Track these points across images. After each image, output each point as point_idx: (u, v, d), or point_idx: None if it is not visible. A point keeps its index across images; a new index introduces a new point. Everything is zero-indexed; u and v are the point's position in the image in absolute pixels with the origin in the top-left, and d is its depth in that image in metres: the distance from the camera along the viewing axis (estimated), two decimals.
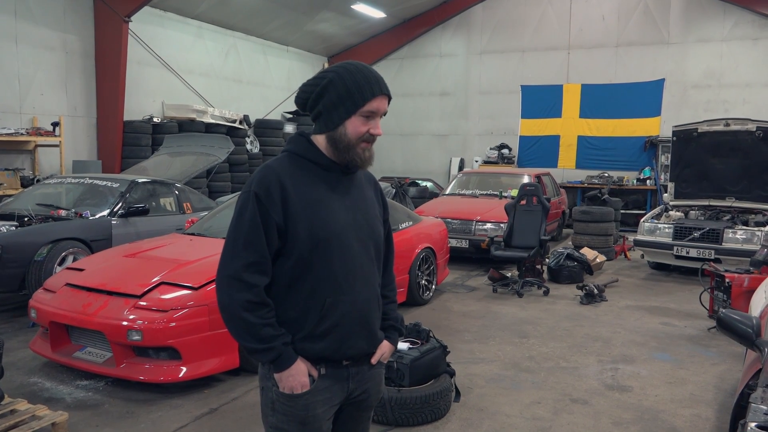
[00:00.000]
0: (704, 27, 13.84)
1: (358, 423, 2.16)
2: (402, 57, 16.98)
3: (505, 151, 15.52)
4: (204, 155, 9.02)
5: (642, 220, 9.07)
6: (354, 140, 1.93)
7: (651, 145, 14.21)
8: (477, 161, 15.77)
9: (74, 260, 6.07)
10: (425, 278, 7.05)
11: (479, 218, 9.24)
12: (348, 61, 1.99)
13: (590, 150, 14.93)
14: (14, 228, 6.25)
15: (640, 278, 8.84)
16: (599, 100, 14.73)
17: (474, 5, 16.01)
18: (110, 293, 4.49)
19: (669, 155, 10.35)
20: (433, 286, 7.22)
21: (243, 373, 4.64)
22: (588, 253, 8.77)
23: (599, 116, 14.78)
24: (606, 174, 14.57)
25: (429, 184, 14.81)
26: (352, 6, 14.19)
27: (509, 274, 8.15)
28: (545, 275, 8.28)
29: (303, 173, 1.96)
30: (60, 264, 6.07)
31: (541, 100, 15.29)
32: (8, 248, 5.86)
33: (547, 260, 8.51)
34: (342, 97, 1.90)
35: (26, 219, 6.54)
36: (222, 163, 10.18)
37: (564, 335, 5.94)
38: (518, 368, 5.00)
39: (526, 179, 10.42)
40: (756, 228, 8.20)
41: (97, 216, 6.76)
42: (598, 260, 8.83)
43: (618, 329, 6.19)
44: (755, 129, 8.70)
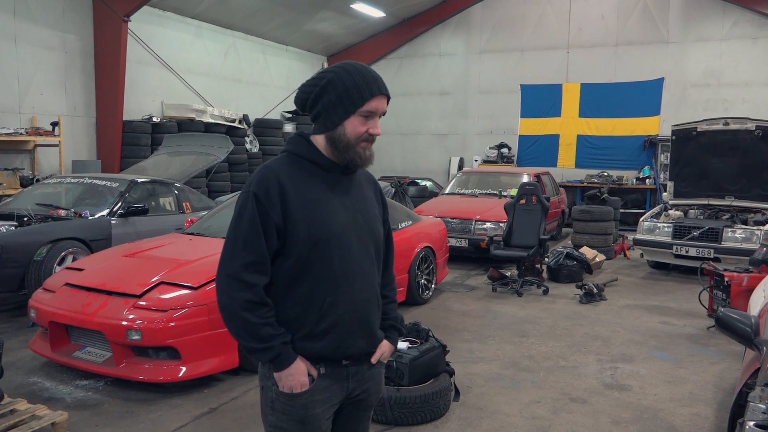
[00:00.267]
0: (703, 26, 13.84)
1: (358, 422, 2.16)
2: (401, 56, 16.97)
3: (505, 151, 15.51)
4: (203, 155, 9.02)
5: (641, 219, 9.07)
6: (353, 140, 1.94)
7: (650, 144, 14.20)
8: (476, 160, 15.76)
9: (74, 260, 6.07)
10: (425, 277, 7.06)
11: (479, 217, 9.24)
12: (347, 62, 1.99)
13: (590, 149, 14.92)
14: (14, 228, 6.25)
15: (640, 277, 8.85)
16: (599, 100, 14.71)
17: (473, 4, 15.99)
18: (110, 293, 4.49)
19: (668, 154, 10.36)
20: (433, 286, 7.22)
21: (242, 373, 4.64)
22: (587, 253, 8.77)
23: (599, 115, 14.76)
24: (605, 173, 14.57)
25: (428, 184, 14.81)
26: (352, 5, 14.18)
27: (509, 274, 8.15)
28: (545, 274, 8.29)
29: (302, 173, 1.96)
30: (59, 264, 6.07)
31: (541, 100, 15.27)
32: (8, 248, 5.86)
33: (547, 259, 8.51)
34: (341, 97, 1.91)
35: (26, 219, 6.54)
36: (221, 163, 10.19)
37: (563, 334, 5.95)
38: (517, 367, 5.00)
39: (526, 178, 10.43)
40: (755, 227, 8.21)
41: (97, 216, 6.76)
42: (598, 259, 8.83)
43: (617, 328, 6.19)
44: (754, 128, 8.71)
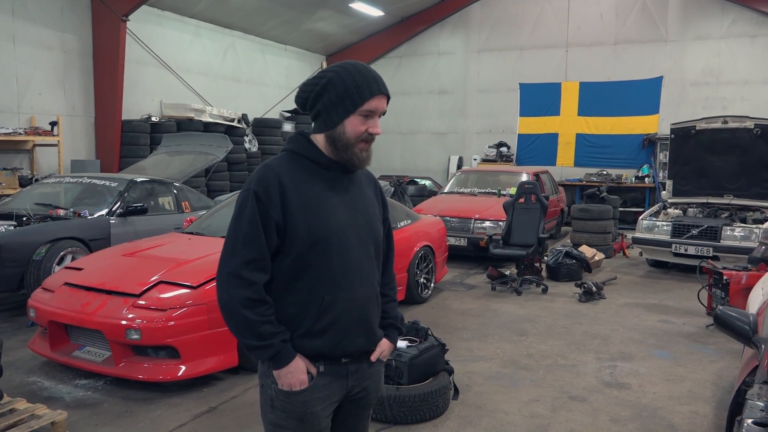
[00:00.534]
0: (702, 24, 13.84)
1: (358, 421, 2.17)
2: (400, 55, 16.96)
3: (504, 149, 15.51)
4: (202, 154, 9.02)
5: (640, 218, 9.08)
6: (353, 139, 1.95)
7: (649, 143, 14.21)
8: (475, 159, 15.76)
9: (73, 259, 6.07)
10: (424, 276, 7.06)
11: (478, 216, 9.25)
12: (347, 61, 2.00)
13: (589, 148, 14.94)
14: (13, 227, 6.24)
15: (639, 276, 8.85)
16: (598, 98, 14.72)
17: (472, 3, 15.98)
18: (109, 292, 4.49)
19: (667, 153, 10.35)
20: (432, 285, 7.22)
21: (242, 372, 4.64)
22: (586, 251, 8.78)
23: (598, 114, 14.78)
24: (604, 172, 14.58)
25: (428, 183, 14.81)
26: (350, 4, 14.17)
27: (508, 272, 8.16)
28: (544, 273, 8.30)
29: (302, 172, 1.97)
30: (59, 263, 6.07)
31: (540, 98, 15.28)
32: (7, 248, 5.86)
33: (546, 258, 8.52)
34: (341, 97, 1.92)
35: (25, 218, 6.53)
36: (220, 162, 10.18)
37: (562, 333, 5.95)
38: (517, 366, 5.01)
39: (525, 177, 10.42)
40: (754, 225, 8.21)
41: (96, 215, 6.76)
42: (597, 258, 8.83)
43: (616, 327, 6.20)
44: (753, 126, 8.71)
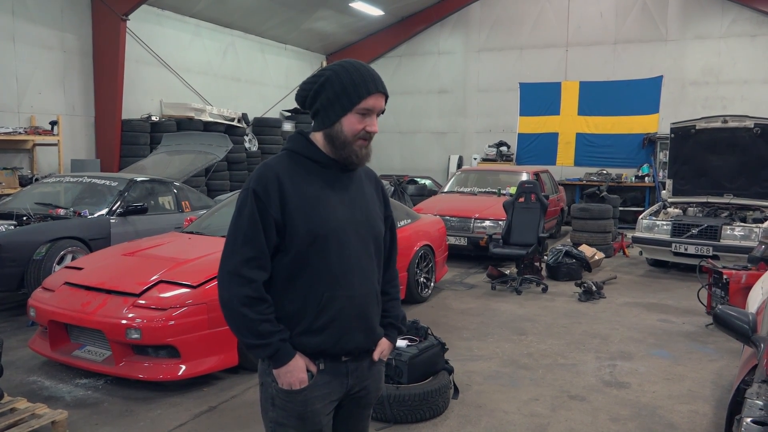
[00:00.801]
0: (702, 24, 13.84)
1: (358, 420, 2.17)
2: (400, 55, 16.96)
3: (504, 149, 15.52)
4: (202, 154, 9.01)
5: (640, 217, 9.08)
6: (350, 137, 1.95)
7: (649, 142, 14.22)
8: (475, 159, 15.76)
9: (73, 259, 6.08)
10: (424, 276, 7.06)
11: (478, 216, 9.25)
12: (346, 60, 2.01)
13: (589, 147, 14.94)
14: (13, 227, 6.24)
15: (639, 275, 8.86)
16: (597, 98, 14.73)
17: (472, 3, 15.97)
18: (109, 292, 4.49)
19: (667, 152, 10.36)
20: (432, 284, 7.23)
21: (242, 371, 4.64)
22: (586, 251, 8.78)
23: (598, 113, 14.78)
24: (604, 171, 14.58)
25: (427, 182, 14.81)
26: (350, 4, 14.16)
27: (508, 272, 8.16)
28: (544, 272, 8.30)
29: (301, 171, 1.98)
30: (59, 263, 6.07)
31: (540, 98, 15.29)
32: (7, 247, 5.86)
33: (546, 257, 8.52)
34: (338, 95, 1.93)
35: (25, 218, 6.53)
36: (220, 162, 10.19)
37: (562, 332, 5.96)
38: (516, 365, 5.01)
39: (525, 177, 10.42)
40: (754, 225, 8.22)
41: (96, 215, 6.76)
42: (597, 257, 8.83)
43: (616, 326, 6.20)
44: (753, 126, 8.71)
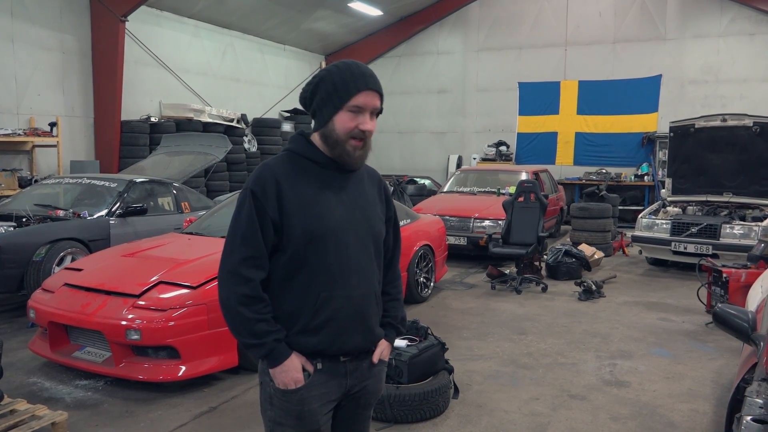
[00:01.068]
0: (701, 23, 13.84)
1: (358, 420, 2.17)
2: (399, 55, 16.96)
3: (503, 148, 15.52)
4: (202, 154, 9.01)
5: (640, 216, 9.08)
6: (342, 136, 1.96)
7: (648, 141, 14.22)
8: (475, 158, 15.76)
9: (72, 260, 6.07)
10: (423, 276, 7.06)
11: (477, 215, 9.25)
12: (342, 60, 2.03)
13: (588, 146, 14.95)
14: (12, 228, 6.24)
15: (638, 274, 8.86)
16: (597, 97, 14.74)
17: (471, 2, 15.97)
18: (109, 293, 4.49)
19: (666, 151, 10.36)
20: (432, 284, 7.23)
21: (242, 372, 4.64)
22: (586, 250, 8.78)
23: (597, 113, 14.79)
24: (604, 170, 14.58)
25: (427, 182, 14.80)
26: (349, 4, 14.16)
27: (507, 271, 8.16)
28: (543, 272, 8.30)
29: (300, 171, 1.99)
30: (58, 264, 6.07)
31: (539, 97, 15.29)
32: (6, 249, 5.86)
33: (545, 257, 8.52)
34: (330, 93, 1.95)
35: (24, 219, 6.53)
36: (220, 162, 10.18)
37: (562, 331, 5.96)
38: (516, 365, 5.01)
39: (524, 176, 10.42)
40: (753, 223, 8.22)
41: (95, 216, 6.76)
42: (596, 256, 8.83)
43: (616, 325, 6.21)
44: (752, 124, 8.71)
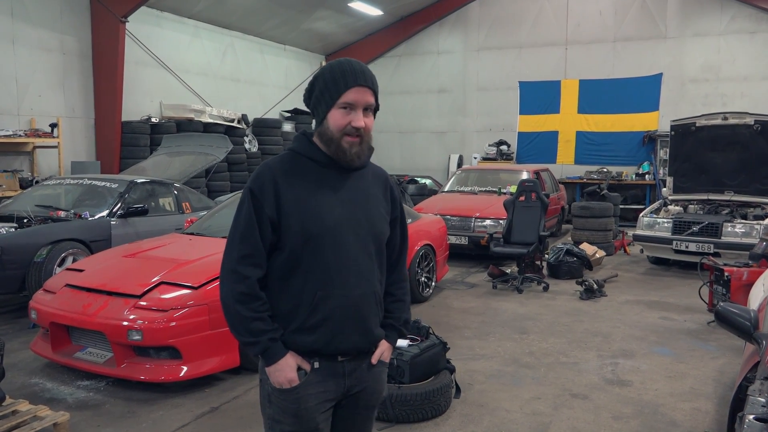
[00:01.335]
0: (701, 21, 13.83)
1: (359, 421, 2.15)
2: (399, 54, 16.96)
3: (504, 148, 15.51)
4: (202, 155, 9.02)
5: (641, 215, 9.07)
6: (336, 133, 1.95)
7: (649, 140, 14.21)
8: (476, 158, 15.75)
9: (74, 261, 6.07)
10: (425, 275, 7.06)
11: (478, 215, 9.25)
12: (338, 58, 2.04)
13: (589, 145, 14.95)
14: (14, 229, 6.25)
15: (640, 273, 8.85)
16: (597, 96, 14.73)
17: (471, 2, 15.97)
18: (110, 293, 4.50)
19: (667, 150, 10.35)
20: (433, 283, 7.22)
21: (243, 372, 4.64)
22: (587, 249, 8.78)
23: (597, 111, 14.79)
24: (605, 169, 14.57)
25: (428, 182, 14.81)
26: (349, 4, 14.16)
27: (509, 271, 8.16)
28: (545, 271, 8.30)
29: (300, 170, 1.99)
30: (60, 265, 6.07)
31: (540, 96, 15.29)
32: (8, 250, 5.86)
33: (547, 256, 8.52)
34: (323, 92, 1.96)
35: (25, 220, 6.53)
36: (221, 163, 10.18)
37: (564, 331, 5.95)
38: (518, 364, 5.01)
39: (525, 175, 10.42)
40: (755, 221, 8.21)
41: (97, 217, 6.76)
42: (598, 255, 8.83)
43: (618, 324, 6.20)
44: (753, 122, 8.71)
